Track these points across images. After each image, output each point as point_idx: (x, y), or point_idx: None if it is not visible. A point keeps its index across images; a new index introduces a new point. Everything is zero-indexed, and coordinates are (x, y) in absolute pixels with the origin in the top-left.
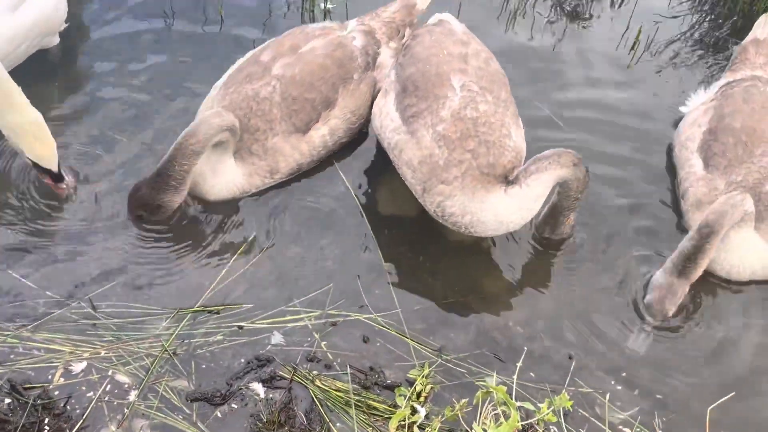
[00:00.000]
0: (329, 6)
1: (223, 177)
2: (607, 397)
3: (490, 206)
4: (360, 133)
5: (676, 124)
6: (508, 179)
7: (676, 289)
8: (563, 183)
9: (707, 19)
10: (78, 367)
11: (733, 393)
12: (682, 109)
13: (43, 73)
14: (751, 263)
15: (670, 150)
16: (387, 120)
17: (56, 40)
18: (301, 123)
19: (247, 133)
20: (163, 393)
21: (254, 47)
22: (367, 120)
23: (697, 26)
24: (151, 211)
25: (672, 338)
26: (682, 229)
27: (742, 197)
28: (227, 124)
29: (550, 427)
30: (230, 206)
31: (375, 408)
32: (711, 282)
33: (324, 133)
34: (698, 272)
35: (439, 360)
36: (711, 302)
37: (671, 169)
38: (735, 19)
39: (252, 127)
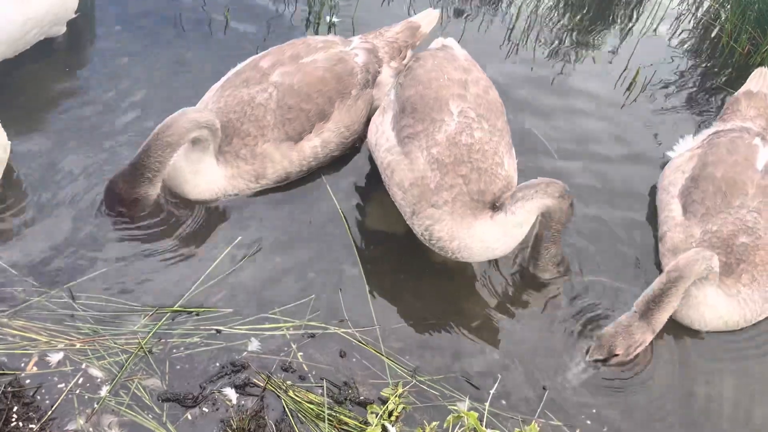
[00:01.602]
0: (334, 20)
1: (203, 177)
2: None
3: (477, 232)
4: (353, 148)
5: (663, 167)
6: (495, 206)
7: (633, 330)
8: (546, 212)
9: (703, 67)
10: (54, 357)
11: None
12: (669, 153)
13: (46, 61)
14: (711, 320)
15: (654, 192)
16: (382, 139)
17: (63, 30)
18: (293, 132)
19: (237, 137)
20: (135, 390)
21: (257, 54)
22: (361, 136)
23: (692, 73)
24: (129, 206)
25: (642, 379)
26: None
27: (711, 254)
28: (205, 121)
29: None
30: (218, 210)
31: (346, 423)
32: (681, 328)
33: (315, 145)
34: (659, 318)
35: (414, 380)
36: (681, 345)
37: (655, 211)
38: (730, 70)
39: (243, 132)
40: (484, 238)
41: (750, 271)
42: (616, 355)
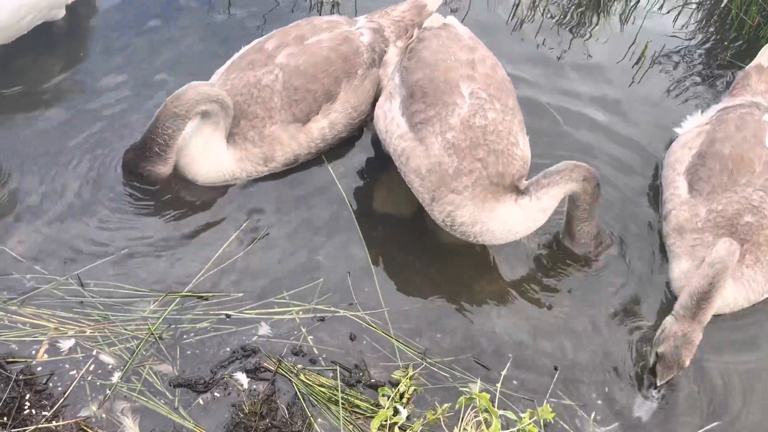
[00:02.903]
0: None
1: (212, 159)
2: (592, 415)
3: (500, 216)
4: (359, 130)
5: (670, 143)
6: (518, 189)
7: (691, 336)
8: (572, 195)
9: (712, 41)
10: (65, 344)
11: (718, 422)
12: (677, 130)
13: (46, 46)
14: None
15: (659, 169)
16: (393, 125)
17: (62, 13)
18: (301, 113)
19: (245, 119)
20: (147, 376)
21: (261, 36)
22: (368, 117)
23: (701, 47)
24: (138, 176)
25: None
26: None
27: (736, 246)
28: (216, 95)
29: None
30: (225, 194)
31: (357, 406)
32: None
33: (323, 126)
34: (709, 314)
35: (424, 363)
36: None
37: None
38: (740, 42)
39: (251, 114)
40: (506, 221)
41: (754, 251)
42: (683, 367)
